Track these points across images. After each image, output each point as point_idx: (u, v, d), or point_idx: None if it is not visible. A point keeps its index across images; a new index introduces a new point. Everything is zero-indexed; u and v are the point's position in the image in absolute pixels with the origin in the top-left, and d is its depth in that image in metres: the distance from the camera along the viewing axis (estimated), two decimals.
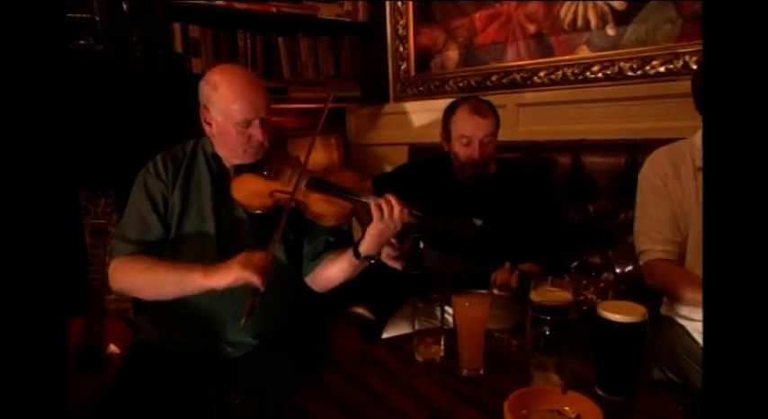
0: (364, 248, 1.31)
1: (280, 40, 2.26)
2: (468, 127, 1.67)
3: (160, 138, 1.95)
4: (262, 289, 1.17)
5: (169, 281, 1.26)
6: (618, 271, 1.82)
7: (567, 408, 0.89)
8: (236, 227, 1.39)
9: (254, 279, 1.16)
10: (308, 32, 2.35)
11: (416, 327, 1.20)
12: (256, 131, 1.31)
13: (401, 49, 2.54)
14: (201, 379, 1.37)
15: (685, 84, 1.79)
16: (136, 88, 1.68)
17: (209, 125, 1.36)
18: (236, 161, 1.37)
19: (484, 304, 1.11)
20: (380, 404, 1.02)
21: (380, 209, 1.25)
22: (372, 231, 1.29)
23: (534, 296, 1.11)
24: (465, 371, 1.11)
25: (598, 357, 1.00)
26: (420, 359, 1.17)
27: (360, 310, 1.94)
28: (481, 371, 1.10)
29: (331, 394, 1.08)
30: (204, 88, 1.34)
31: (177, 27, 2.00)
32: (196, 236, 1.36)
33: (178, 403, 1.30)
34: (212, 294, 1.28)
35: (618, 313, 0.95)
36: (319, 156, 2.45)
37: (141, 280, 1.29)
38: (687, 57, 1.81)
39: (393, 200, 1.26)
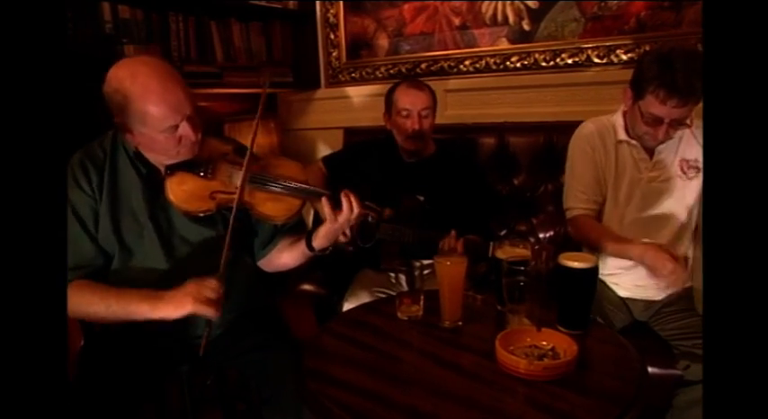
0: (318, 243, 1.31)
1: (212, 23, 2.24)
2: (407, 100, 1.84)
3: (92, 125, 1.87)
4: (215, 319, 1.16)
5: (114, 314, 1.17)
6: (541, 236, 2.08)
7: (544, 343, 1.09)
8: (178, 231, 1.29)
9: (209, 312, 1.12)
10: (241, 17, 2.34)
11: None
12: (186, 131, 1.16)
13: (332, 36, 2.60)
14: (171, 362, 1.35)
15: (588, 75, 2.11)
16: (68, 71, 1.61)
17: (131, 134, 1.18)
18: (169, 161, 1.23)
19: (462, 263, 1.24)
20: (381, 355, 1.14)
21: (336, 209, 1.23)
22: (325, 231, 1.28)
23: (500, 254, 1.29)
24: (447, 323, 1.24)
25: (560, 299, 1.19)
26: (404, 317, 1.29)
27: (311, 287, 1.98)
28: (460, 322, 1.24)
29: (334, 353, 1.17)
30: (113, 98, 1.13)
31: (106, 6, 1.91)
32: (138, 246, 1.25)
33: (149, 384, 1.29)
34: None
35: (576, 261, 1.16)
36: (259, 140, 2.46)
37: (85, 313, 1.19)
38: (590, 52, 2.10)
39: (352, 198, 1.23)
